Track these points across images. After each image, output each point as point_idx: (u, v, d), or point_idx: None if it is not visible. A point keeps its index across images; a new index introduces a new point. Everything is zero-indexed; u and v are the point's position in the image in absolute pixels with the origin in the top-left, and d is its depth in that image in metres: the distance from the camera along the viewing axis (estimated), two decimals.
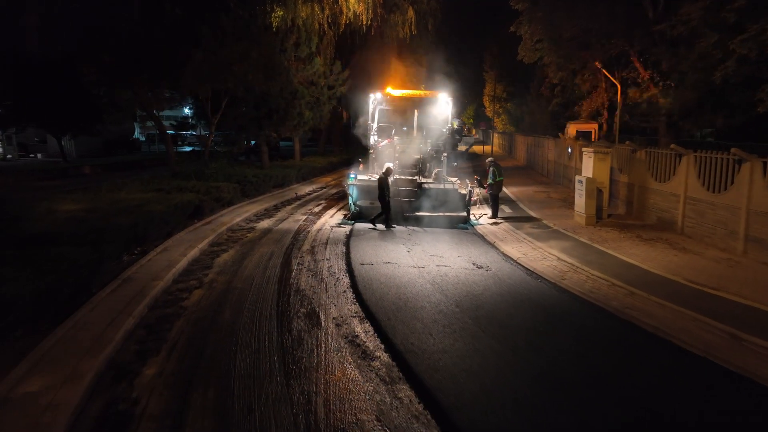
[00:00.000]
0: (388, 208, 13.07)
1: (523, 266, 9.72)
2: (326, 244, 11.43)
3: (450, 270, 9.36)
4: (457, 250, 11.05)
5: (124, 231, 8.66)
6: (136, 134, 58.95)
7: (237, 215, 14.03)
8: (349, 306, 7.43)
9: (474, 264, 9.84)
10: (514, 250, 10.80)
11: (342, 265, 9.64)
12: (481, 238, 12.41)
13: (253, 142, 30.01)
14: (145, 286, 7.67)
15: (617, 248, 10.58)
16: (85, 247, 7.30)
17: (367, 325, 6.72)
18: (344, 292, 8.06)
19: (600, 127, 22.80)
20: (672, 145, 11.20)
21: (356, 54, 28.98)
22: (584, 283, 8.47)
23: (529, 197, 18.27)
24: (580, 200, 12.80)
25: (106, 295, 7.23)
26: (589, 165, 13.11)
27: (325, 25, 23.18)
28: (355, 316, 7.01)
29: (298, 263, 9.70)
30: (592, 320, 7.07)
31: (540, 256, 10.29)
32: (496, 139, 48.71)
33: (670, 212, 11.76)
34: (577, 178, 13.00)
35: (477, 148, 50.70)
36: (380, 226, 13.21)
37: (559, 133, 23.08)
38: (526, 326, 6.77)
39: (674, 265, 9.33)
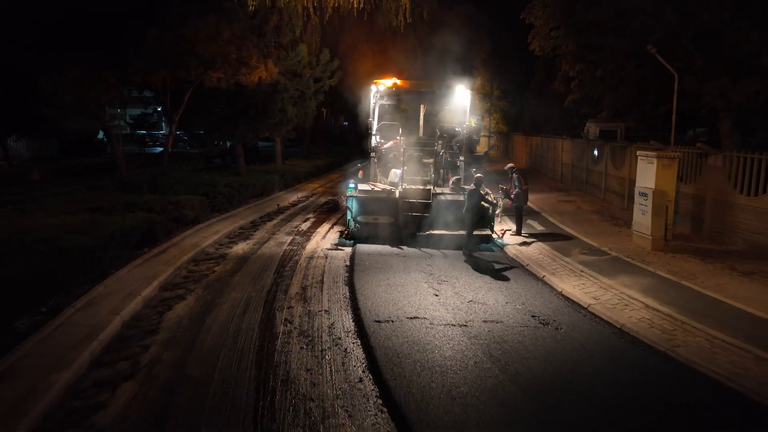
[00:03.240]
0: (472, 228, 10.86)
1: (603, 320, 6.94)
2: (322, 281, 8.50)
3: (506, 330, 6.52)
4: (499, 289, 8.22)
5: (17, 284, 5.59)
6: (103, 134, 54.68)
7: (204, 238, 10.98)
8: (373, 416, 4.53)
9: (534, 317, 7.03)
10: (576, 289, 8.03)
11: (348, 322, 6.73)
12: (521, 267, 9.62)
13: (229, 143, 26.82)
14: (30, 390, 4.63)
15: (717, 288, 7.88)
16: None
17: None
18: (360, 381, 5.16)
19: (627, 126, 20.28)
20: None
21: (344, 44, 26.01)
22: (713, 354, 5.71)
23: (554, 208, 15.59)
24: (643, 218, 10.11)
25: None
26: (648, 173, 10.44)
27: (311, 9, 20.15)
28: None
29: (286, 320, 6.75)
30: None
31: (617, 300, 7.53)
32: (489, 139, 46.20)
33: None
34: (638, 189, 10.31)
35: None
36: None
37: (581, 132, 20.57)
38: None
39: None
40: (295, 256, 10.17)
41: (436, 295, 7.82)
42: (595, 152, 17.03)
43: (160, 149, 44.29)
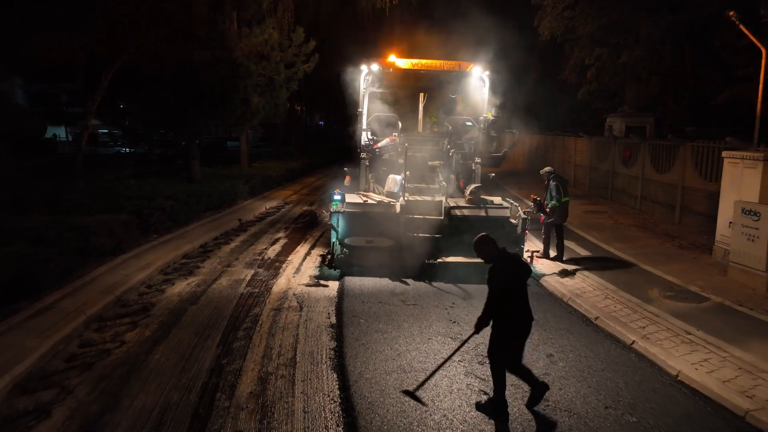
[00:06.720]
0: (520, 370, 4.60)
1: None
2: (294, 361, 5.33)
3: None
4: (578, 372, 5.18)
5: None
6: (62, 134, 49.83)
7: (125, 277, 7.64)
8: None
9: None
10: (701, 372, 5.04)
11: None
12: (587, 321, 6.60)
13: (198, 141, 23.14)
14: None
15: None
16: None
17: None
18: None
19: (659, 121, 17.51)
20: None
21: (322, 29, 22.73)
22: None
23: (584, 221, 12.66)
24: (751, 247, 7.22)
25: None
26: (746, 181, 7.66)
27: None
28: None
29: None
30: None
31: None
32: None
33: None
34: (741, 206, 7.42)
35: None
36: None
37: (605, 129, 17.82)
38: None
39: None
40: (256, 305, 6.95)
41: (484, 393, 4.70)
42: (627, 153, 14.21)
43: (121, 149, 39.97)
